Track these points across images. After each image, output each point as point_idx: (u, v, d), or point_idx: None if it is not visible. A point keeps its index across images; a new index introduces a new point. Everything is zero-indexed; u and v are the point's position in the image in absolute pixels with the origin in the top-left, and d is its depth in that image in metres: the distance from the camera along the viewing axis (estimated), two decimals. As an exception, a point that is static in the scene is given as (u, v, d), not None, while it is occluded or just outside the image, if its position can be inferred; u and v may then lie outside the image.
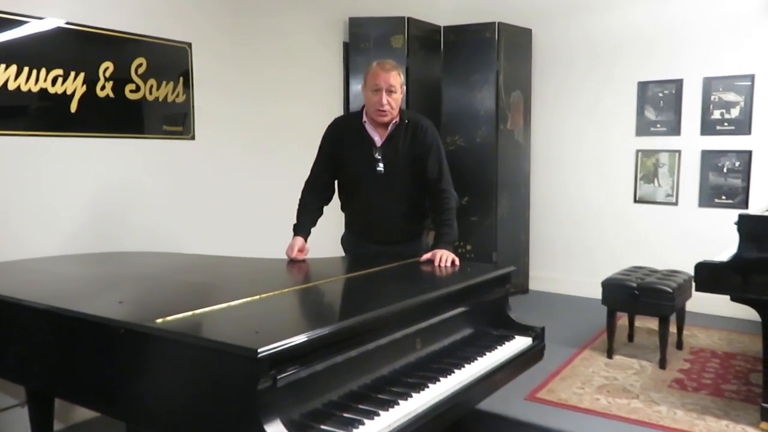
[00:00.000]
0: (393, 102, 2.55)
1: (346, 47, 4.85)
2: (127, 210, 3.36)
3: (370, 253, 2.69)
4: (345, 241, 2.88)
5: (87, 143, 3.17)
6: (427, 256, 2.46)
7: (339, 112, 4.84)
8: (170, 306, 1.70)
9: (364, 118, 2.65)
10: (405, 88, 2.67)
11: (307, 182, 2.79)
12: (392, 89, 2.54)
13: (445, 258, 2.41)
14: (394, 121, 2.62)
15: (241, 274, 2.42)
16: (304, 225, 2.66)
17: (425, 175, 2.63)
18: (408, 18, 4.86)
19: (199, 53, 3.68)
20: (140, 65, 3.36)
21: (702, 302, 4.22)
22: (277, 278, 2.31)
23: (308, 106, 4.54)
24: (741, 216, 2.90)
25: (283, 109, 4.33)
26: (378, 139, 2.63)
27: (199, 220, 3.75)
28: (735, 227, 2.97)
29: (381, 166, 2.60)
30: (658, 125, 5.07)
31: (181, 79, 3.60)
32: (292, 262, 2.51)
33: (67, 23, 3.04)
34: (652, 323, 4.20)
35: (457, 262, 2.42)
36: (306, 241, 2.61)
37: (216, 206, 3.87)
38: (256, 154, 4.16)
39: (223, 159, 3.91)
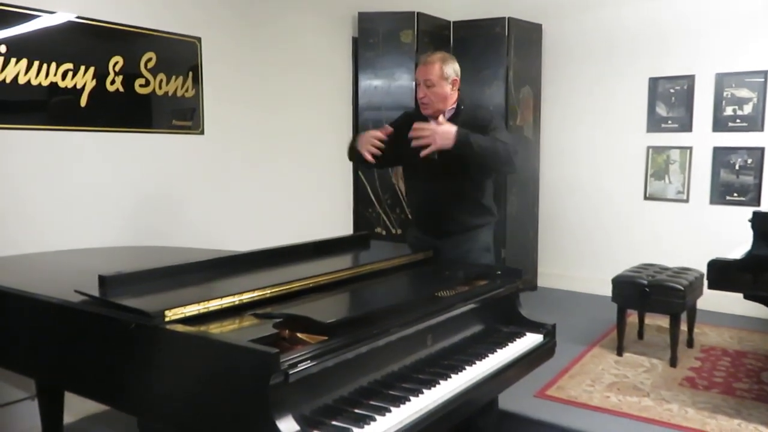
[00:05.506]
0: (432, 95, 2.52)
1: (356, 42, 4.84)
2: (136, 204, 3.36)
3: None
4: (408, 238, 2.84)
5: (96, 137, 3.17)
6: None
7: (348, 106, 4.83)
8: (182, 300, 1.69)
9: None
10: (456, 77, 2.59)
11: None
12: (429, 83, 2.52)
13: (439, 128, 2.30)
14: (450, 110, 2.57)
15: (251, 268, 2.41)
16: None
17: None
18: (417, 13, 4.83)
19: (208, 48, 3.67)
20: (150, 60, 3.35)
21: (713, 300, 4.18)
22: (286, 273, 2.30)
23: (317, 101, 4.53)
24: (755, 213, 2.87)
25: (293, 103, 4.32)
26: None
27: (208, 215, 3.75)
28: (746, 224, 2.94)
29: (435, 153, 2.48)
30: (670, 122, 5.02)
31: (191, 73, 3.59)
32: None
33: (78, 17, 3.04)
34: (663, 321, 4.17)
35: (445, 141, 2.29)
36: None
37: (225, 201, 3.87)
38: (266, 149, 4.15)
39: (233, 153, 3.90)
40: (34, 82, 2.88)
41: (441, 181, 2.58)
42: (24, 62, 2.83)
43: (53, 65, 2.94)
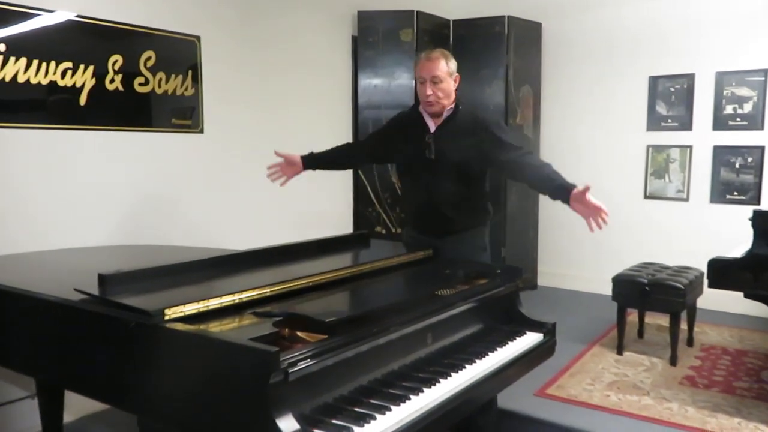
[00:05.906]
0: (440, 92, 2.49)
1: (355, 41, 4.83)
2: (136, 203, 3.36)
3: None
4: (404, 238, 2.81)
5: (96, 136, 3.16)
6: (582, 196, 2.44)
7: (347, 105, 4.83)
8: (181, 299, 1.69)
9: (421, 108, 2.61)
10: (458, 75, 2.59)
11: (353, 142, 2.88)
12: (437, 79, 2.48)
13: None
14: (448, 108, 2.55)
15: (250, 267, 2.41)
16: (316, 154, 2.90)
17: (491, 165, 2.60)
18: (417, 11, 4.83)
19: (207, 47, 3.67)
20: (149, 58, 3.35)
21: (713, 299, 4.18)
22: (286, 272, 2.30)
23: (317, 100, 4.53)
24: (756, 212, 2.87)
25: (293, 102, 4.31)
26: (432, 126, 2.58)
27: (208, 214, 3.75)
28: (746, 223, 2.94)
29: (432, 152, 2.53)
30: (670, 120, 5.02)
31: (190, 72, 3.59)
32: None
33: (77, 16, 3.03)
34: (663, 320, 4.17)
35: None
36: (303, 162, 2.92)
37: (225, 200, 3.86)
38: (266, 148, 4.13)
39: (232, 152, 3.90)
40: (34, 81, 2.88)
41: (437, 181, 2.57)
42: (23, 61, 2.83)
43: (53, 64, 2.93)
